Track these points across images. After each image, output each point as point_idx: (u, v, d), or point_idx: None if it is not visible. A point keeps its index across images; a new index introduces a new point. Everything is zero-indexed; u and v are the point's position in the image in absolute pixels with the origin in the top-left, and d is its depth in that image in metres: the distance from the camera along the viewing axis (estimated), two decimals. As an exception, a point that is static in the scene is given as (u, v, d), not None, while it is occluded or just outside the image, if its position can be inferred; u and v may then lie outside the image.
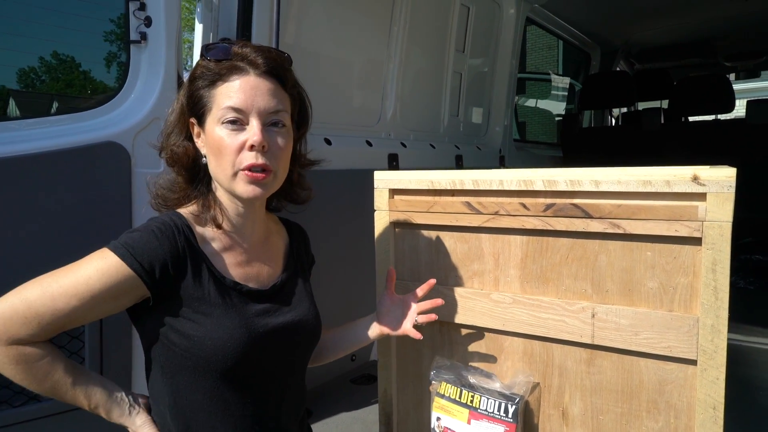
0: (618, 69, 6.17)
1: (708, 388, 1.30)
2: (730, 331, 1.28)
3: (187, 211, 1.30)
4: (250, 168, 1.22)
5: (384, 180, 1.72)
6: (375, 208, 1.74)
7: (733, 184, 1.25)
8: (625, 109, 5.97)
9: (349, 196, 1.74)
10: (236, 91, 1.23)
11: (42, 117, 1.68)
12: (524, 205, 1.49)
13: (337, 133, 2.39)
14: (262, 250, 1.39)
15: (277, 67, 1.28)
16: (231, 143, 1.22)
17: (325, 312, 2.15)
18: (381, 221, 1.74)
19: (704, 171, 1.28)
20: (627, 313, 1.38)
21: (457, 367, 1.61)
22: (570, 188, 1.42)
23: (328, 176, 2.28)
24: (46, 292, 1.11)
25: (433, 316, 1.54)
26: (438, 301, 1.54)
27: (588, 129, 5.47)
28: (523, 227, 1.50)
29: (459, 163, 3.14)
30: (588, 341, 1.44)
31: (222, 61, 1.24)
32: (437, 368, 1.62)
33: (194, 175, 1.32)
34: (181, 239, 1.22)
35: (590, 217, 1.41)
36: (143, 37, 1.70)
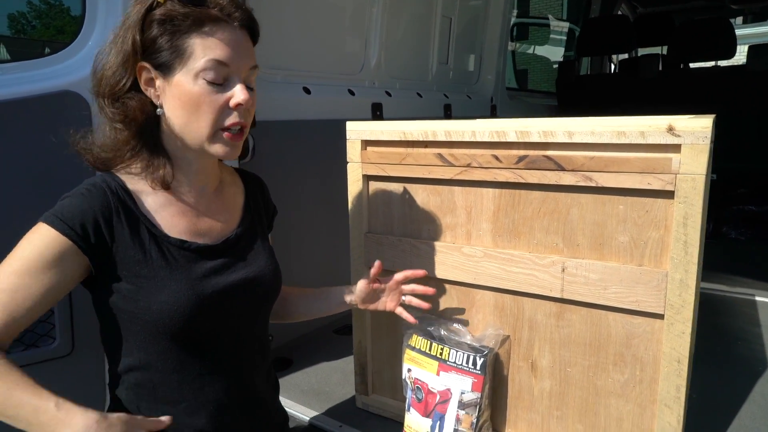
0: (620, 13, 6.01)
1: (673, 342, 1.30)
2: (714, 281, 1.26)
3: (123, 170, 1.22)
4: (232, 127, 1.17)
5: (356, 131, 1.68)
6: (347, 160, 1.70)
7: (709, 135, 1.22)
8: (626, 56, 5.84)
9: (328, 147, 1.70)
10: (220, 45, 1.14)
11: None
12: (497, 157, 1.46)
13: (317, 82, 2.33)
14: (214, 203, 1.33)
15: (252, 22, 1.22)
16: (213, 100, 1.15)
17: (301, 266, 2.13)
18: (354, 173, 1.71)
19: (680, 121, 1.24)
20: (596, 267, 1.37)
21: (428, 319, 1.61)
22: (543, 139, 1.39)
23: (308, 126, 2.24)
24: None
25: (425, 305, 1.56)
26: (430, 290, 1.54)
27: (584, 77, 5.35)
28: (495, 180, 1.47)
29: (447, 113, 3.08)
30: (557, 295, 1.43)
31: (195, 6, 1.14)
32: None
33: (143, 128, 1.20)
34: (114, 199, 1.16)
35: (563, 169, 1.38)
36: None
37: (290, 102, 2.21)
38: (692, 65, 4.67)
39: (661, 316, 1.32)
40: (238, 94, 1.16)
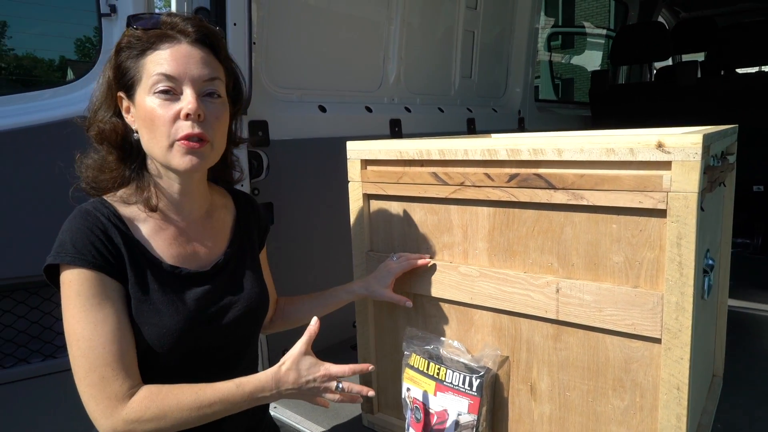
0: (659, 19, 5.79)
1: (672, 368, 1.22)
2: (733, 296, 1.18)
3: (114, 197, 1.24)
4: (187, 138, 1.16)
5: (356, 150, 1.66)
6: (348, 179, 1.68)
7: (700, 151, 1.15)
8: (667, 64, 5.62)
9: (342, 165, 1.69)
10: (167, 59, 1.16)
11: (27, 92, 1.69)
12: (488, 176, 1.42)
13: (333, 100, 2.32)
14: (203, 228, 1.34)
15: (209, 35, 1.22)
16: (164, 113, 1.15)
17: (313, 283, 2.12)
18: (355, 192, 1.69)
19: (669, 138, 1.18)
20: (591, 288, 1.31)
21: (428, 338, 1.57)
22: (533, 157, 1.34)
23: (323, 144, 2.23)
24: (83, 356, 1.13)
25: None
26: (427, 261, 1.56)
27: (618, 86, 5.16)
28: (488, 198, 1.43)
29: (471, 127, 3.03)
30: (553, 317, 1.37)
31: (150, 30, 1.18)
32: (409, 339, 1.59)
33: (126, 153, 1.25)
34: (108, 223, 1.18)
35: (554, 188, 1.32)
36: (113, 9, 1.66)
37: (305, 120, 2.21)
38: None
39: (658, 341, 1.24)
40: (186, 104, 1.15)
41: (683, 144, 1.15)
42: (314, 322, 1.27)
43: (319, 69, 2.32)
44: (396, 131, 2.56)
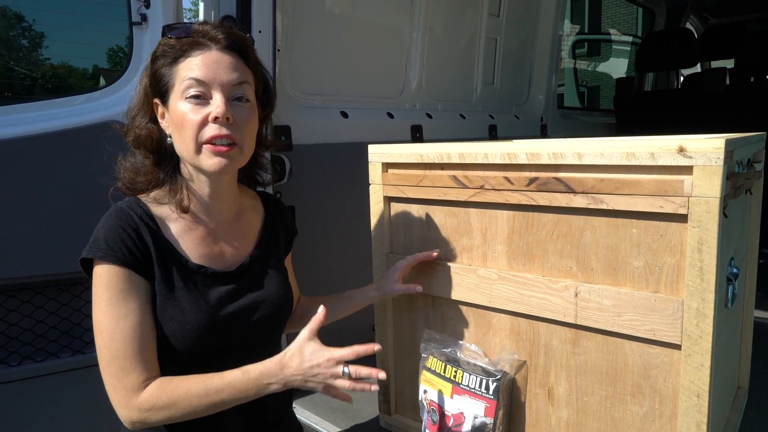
0: (687, 26, 5.68)
1: (692, 375, 1.20)
2: (760, 307, 1.16)
3: (148, 197, 1.29)
4: (214, 140, 1.20)
5: (377, 154, 1.67)
6: (370, 182, 1.69)
7: (722, 156, 1.13)
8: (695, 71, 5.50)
9: (364, 170, 1.71)
10: (198, 65, 1.21)
11: (61, 97, 1.73)
12: (508, 179, 1.41)
13: (355, 106, 2.33)
14: (232, 229, 1.37)
15: (238, 42, 1.26)
16: (194, 117, 1.19)
17: (333, 285, 2.12)
18: (375, 195, 1.69)
19: (691, 142, 1.16)
20: (610, 293, 1.29)
21: (446, 340, 1.56)
22: (553, 161, 1.33)
23: (344, 149, 2.23)
24: (106, 347, 1.18)
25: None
26: (432, 255, 1.56)
27: (643, 93, 5.08)
28: (508, 202, 1.42)
29: (492, 134, 3.01)
30: (572, 321, 1.36)
31: (183, 38, 1.23)
32: (426, 341, 1.58)
33: (161, 157, 1.29)
34: (140, 222, 1.22)
35: (573, 192, 1.31)
36: (144, 18, 1.70)
37: (328, 126, 2.22)
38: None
39: (678, 347, 1.22)
40: (215, 108, 1.19)
41: (705, 148, 1.14)
42: (321, 310, 1.24)
43: (342, 75, 2.33)
44: (417, 137, 2.56)
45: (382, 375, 1.18)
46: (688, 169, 1.17)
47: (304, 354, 1.18)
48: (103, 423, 1.33)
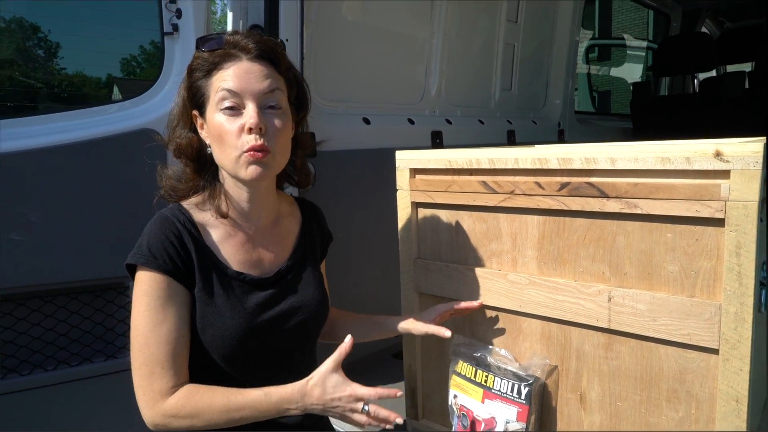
0: (703, 30, 5.63)
1: (730, 380, 1.18)
2: None
3: (189, 203, 1.32)
4: (251, 150, 1.22)
5: (405, 160, 1.66)
6: (397, 188, 1.68)
7: (761, 159, 1.11)
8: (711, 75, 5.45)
9: (385, 175, 1.70)
10: (230, 76, 1.23)
11: (94, 107, 1.75)
12: (539, 184, 1.39)
13: (377, 112, 2.33)
14: (270, 235, 1.39)
15: (268, 51, 1.27)
16: (231, 128, 1.22)
17: (356, 290, 2.11)
18: (403, 201, 1.68)
19: (728, 146, 1.15)
20: (644, 297, 1.27)
21: (475, 345, 1.55)
22: (585, 166, 1.32)
23: (367, 155, 2.23)
24: (140, 350, 1.21)
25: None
26: (475, 306, 1.53)
27: (660, 98, 5.04)
28: (539, 207, 1.41)
29: (511, 139, 3.00)
30: (605, 325, 1.34)
31: (216, 50, 1.25)
32: (456, 346, 1.57)
33: (201, 165, 1.32)
34: (182, 228, 1.25)
35: (606, 196, 1.29)
36: (175, 28, 1.71)
37: (350, 132, 2.22)
38: None
39: (716, 351, 1.20)
40: (248, 119, 1.21)
41: (743, 152, 1.12)
42: (348, 341, 1.24)
43: (364, 82, 2.33)
44: (437, 142, 2.55)
45: (399, 420, 1.19)
46: (725, 173, 1.15)
47: (326, 386, 1.19)
48: (135, 426, 1.34)
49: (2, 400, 1.63)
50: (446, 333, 1.45)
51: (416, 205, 1.67)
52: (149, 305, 1.20)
